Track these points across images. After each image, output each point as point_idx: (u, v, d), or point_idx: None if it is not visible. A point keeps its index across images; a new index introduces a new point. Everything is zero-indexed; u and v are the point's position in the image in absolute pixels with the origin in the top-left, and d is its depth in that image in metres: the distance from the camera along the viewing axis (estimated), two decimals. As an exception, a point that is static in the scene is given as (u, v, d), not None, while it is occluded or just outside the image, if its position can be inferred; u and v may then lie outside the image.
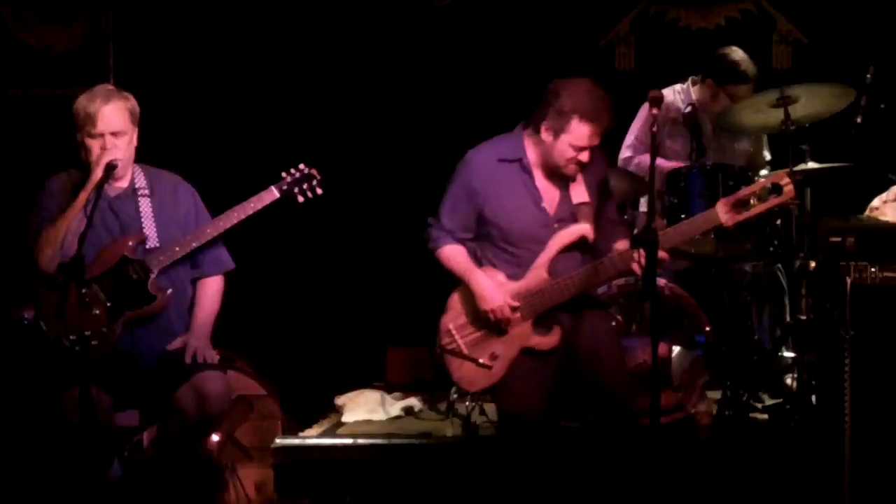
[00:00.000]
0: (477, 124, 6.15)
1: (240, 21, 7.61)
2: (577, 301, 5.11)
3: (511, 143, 5.21)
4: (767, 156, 6.60)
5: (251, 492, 5.93)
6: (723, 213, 4.98)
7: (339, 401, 6.56)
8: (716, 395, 5.95)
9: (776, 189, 4.94)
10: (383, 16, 7.67)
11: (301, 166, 5.45)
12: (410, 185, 7.46)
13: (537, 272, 5.08)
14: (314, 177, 5.45)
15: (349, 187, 6.99)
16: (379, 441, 5.88)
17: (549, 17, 7.52)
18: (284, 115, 7.59)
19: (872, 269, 4.75)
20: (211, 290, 5.43)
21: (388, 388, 6.93)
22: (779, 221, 5.97)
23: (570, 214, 5.13)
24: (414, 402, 6.64)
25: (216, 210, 5.40)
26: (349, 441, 5.86)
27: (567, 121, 5.00)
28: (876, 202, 5.56)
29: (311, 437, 6.03)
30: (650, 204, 4.68)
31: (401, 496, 5.63)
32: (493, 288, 5.09)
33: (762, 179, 4.98)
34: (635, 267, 4.91)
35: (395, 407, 6.55)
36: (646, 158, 6.42)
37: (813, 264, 5.61)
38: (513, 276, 5.13)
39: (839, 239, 4.78)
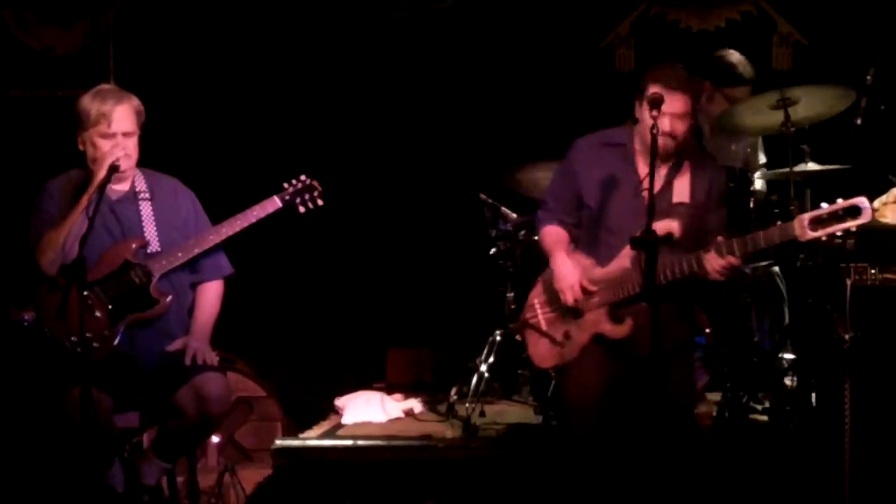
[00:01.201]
0: (477, 126, 6.19)
1: (240, 23, 7.62)
2: (662, 303, 5.03)
3: (618, 130, 5.24)
4: (762, 158, 6.60)
5: (251, 493, 5.93)
6: (799, 227, 4.77)
7: (339, 402, 6.56)
8: (716, 396, 5.95)
9: (853, 211, 4.79)
10: (383, 18, 7.67)
11: (303, 177, 5.46)
12: (410, 187, 7.46)
13: (621, 261, 5.04)
14: (315, 188, 5.47)
15: (349, 189, 6.99)
16: (379, 442, 5.88)
17: (549, 19, 7.52)
18: (284, 117, 7.60)
19: (872, 271, 4.75)
20: (211, 294, 5.43)
21: (388, 390, 6.93)
22: (778, 223, 5.96)
23: (665, 210, 5.04)
24: (414, 403, 6.63)
25: (216, 213, 5.40)
26: (349, 442, 5.86)
27: (645, 87, 5.00)
28: (876, 204, 5.55)
29: (311, 439, 6.02)
30: (650, 205, 4.67)
31: (401, 497, 5.63)
32: (570, 267, 5.11)
33: (842, 201, 4.82)
34: (711, 272, 4.83)
35: (395, 408, 6.55)
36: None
37: (813, 266, 5.61)
38: (603, 263, 5.11)
39: (839, 240, 4.77)
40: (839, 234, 4.72)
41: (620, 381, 5.06)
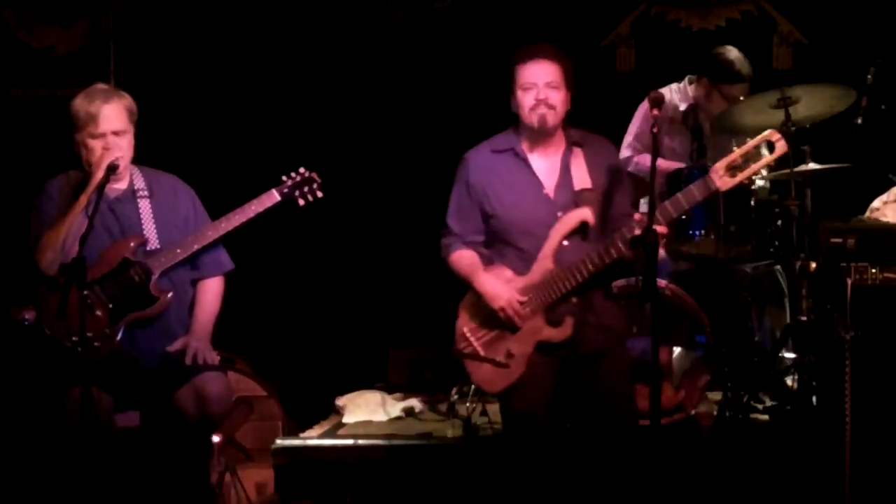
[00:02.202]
0: (477, 125, 6.16)
1: (240, 22, 7.62)
2: (589, 294, 5.03)
3: (503, 135, 5.18)
4: (766, 156, 6.59)
5: (252, 493, 5.93)
6: (717, 178, 4.82)
7: (340, 402, 6.56)
8: (716, 396, 5.95)
9: (769, 146, 4.84)
10: (384, 17, 7.67)
11: (301, 170, 5.45)
12: (410, 186, 7.46)
13: (543, 263, 4.98)
14: (315, 180, 5.45)
15: (349, 188, 6.99)
16: (379, 442, 5.88)
17: (550, 18, 7.51)
18: (284, 116, 7.60)
19: (873, 270, 4.74)
20: (211, 291, 5.43)
21: (389, 389, 6.93)
22: (779, 223, 5.98)
23: (572, 201, 5.02)
24: (414, 403, 6.63)
25: (216, 212, 5.40)
26: (350, 442, 5.86)
27: (514, 72, 5.05)
28: (877, 203, 5.55)
29: (312, 439, 6.02)
30: (651, 205, 4.66)
31: (401, 497, 5.63)
32: (499, 285, 5.02)
33: (752, 140, 4.87)
34: (626, 252, 4.81)
35: (396, 408, 6.55)
36: (644, 159, 6.43)
37: (813, 265, 5.61)
38: (521, 272, 5.04)
39: (840, 240, 4.78)
40: (756, 174, 4.94)
41: (568, 385, 5.05)
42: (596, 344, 5.02)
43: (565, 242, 4.99)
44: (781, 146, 4.80)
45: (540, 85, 5.00)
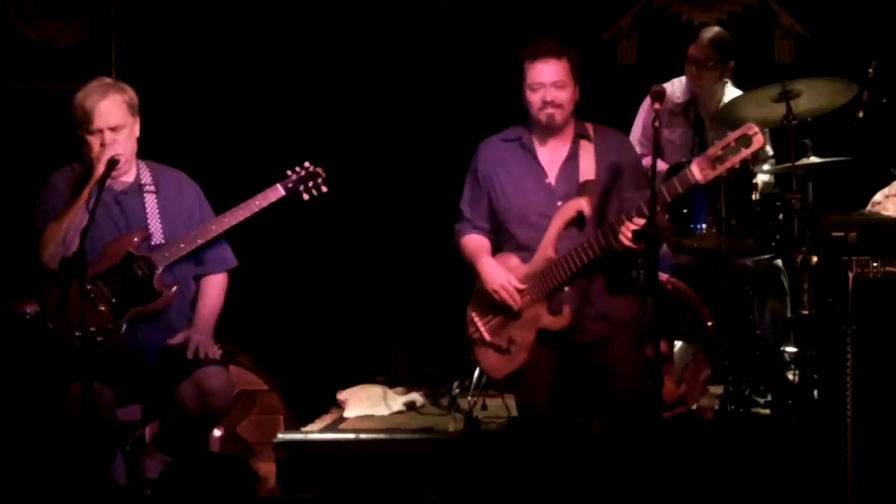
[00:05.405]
0: (478, 120, 6.17)
1: (242, 16, 7.61)
2: (586, 283, 5.05)
3: (515, 126, 5.24)
4: (770, 150, 6.59)
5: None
6: (697, 171, 4.87)
7: (342, 396, 6.56)
8: (718, 389, 5.95)
9: (745, 140, 4.88)
10: (384, 11, 7.66)
11: (306, 164, 5.46)
12: (413, 181, 7.46)
13: (544, 251, 5.03)
14: (319, 175, 5.46)
15: (352, 183, 6.98)
16: (381, 436, 5.88)
17: (551, 12, 7.51)
18: (287, 111, 7.59)
19: (874, 264, 4.74)
20: (215, 287, 5.43)
21: (391, 383, 6.93)
22: (781, 216, 5.97)
23: (574, 191, 5.07)
24: (416, 396, 6.64)
25: (220, 207, 5.40)
26: (351, 436, 5.87)
27: (522, 68, 5.08)
28: (878, 197, 5.56)
29: (314, 432, 6.03)
30: (652, 200, 4.66)
31: (403, 491, 5.63)
32: (496, 268, 5.09)
33: (731, 134, 4.92)
34: (623, 240, 4.82)
35: (398, 402, 6.56)
36: (648, 159, 6.44)
37: (815, 259, 5.60)
38: (525, 260, 5.10)
39: (841, 234, 4.77)
40: (737, 166, 5.07)
41: (568, 376, 5.08)
42: (593, 334, 5.04)
43: (565, 232, 5.01)
44: (758, 140, 4.84)
45: (547, 85, 5.05)
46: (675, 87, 6.65)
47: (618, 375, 5.02)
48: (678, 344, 6.03)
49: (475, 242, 5.22)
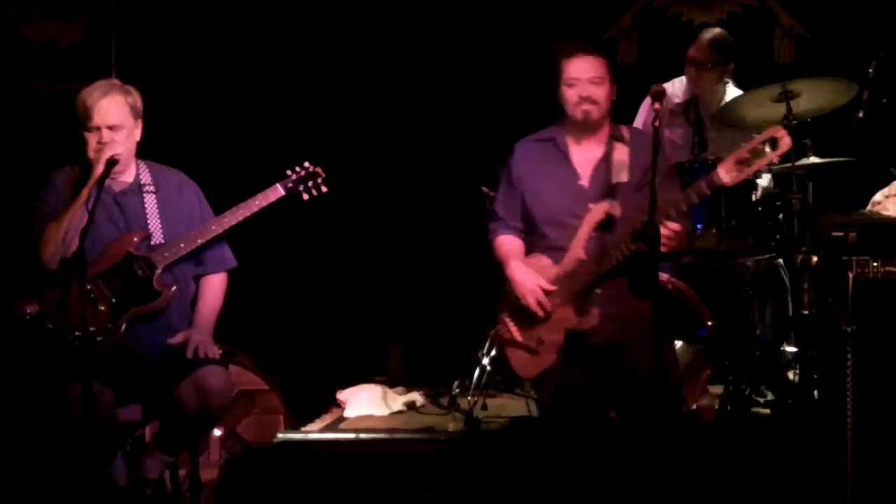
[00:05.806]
0: (478, 120, 6.19)
1: (242, 16, 7.61)
2: (611, 286, 5.04)
3: (550, 128, 5.26)
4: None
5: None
6: (724, 174, 4.88)
7: (341, 396, 6.56)
8: (718, 389, 5.95)
9: (773, 143, 4.89)
10: (384, 11, 7.67)
11: (306, 164, 5.46)
12: (412, 181, 7.46)
13: (574, 252, 5.04)
14: (319, 175, 5.46)
15: (351, 183, 6.98)
16: (381, 436, 5.88)
17: (551, 12, 7.51)
18: (287, 111, 7.60)
19: (874, 264, 4.74)
20: (214, 287, 5.43)
21: (391, 383, 6.93)
22: (781, 216, 5.97)
23: (606, 192, 5.07)
24: (416, 396, 6.64)
25: (220, 207, 5.40)
26: (351, 436, 5.87)
27: (558, 66, 5.08)
28: (878, 197, 5.56)
29: (313, 432, 6.03)
30: (651, 200, 4.66)
31: (403, 491, 5.63)
32: (525, 272, 5.10)
33: (758, 136, 4.92)
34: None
35: (398, 402, 6.56)
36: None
37: (815, 259, 5.60)
38: (556, 261, 5.10)
39: (841, 234, 4.76)
40: (761, 170, 5.12)
41: (597, 376, 5.07)
42: (611, 335, 5.03)
43: (595, 234, 5.03)
44: (786, 142, 4.84)
45: (584, 80, 5.06)
46: (676, 87, 6.67)
47: (635, 379, 4.97)
48: (678, 344, 6.02)
49: (507, 245, 5.23)
